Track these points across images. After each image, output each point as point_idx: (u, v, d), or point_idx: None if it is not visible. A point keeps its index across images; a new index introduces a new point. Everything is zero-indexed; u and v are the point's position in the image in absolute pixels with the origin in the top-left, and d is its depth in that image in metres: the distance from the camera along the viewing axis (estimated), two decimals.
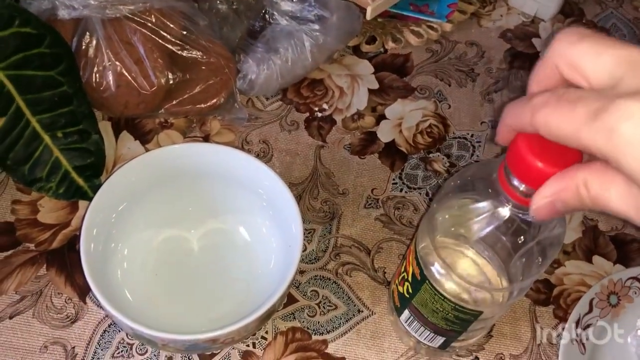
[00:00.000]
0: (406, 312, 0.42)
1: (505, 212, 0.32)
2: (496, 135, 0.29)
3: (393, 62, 0.63)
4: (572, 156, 0.26)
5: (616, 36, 0.68)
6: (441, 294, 0.37)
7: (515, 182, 0.29)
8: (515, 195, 0.29)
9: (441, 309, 0.38)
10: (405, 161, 0.56)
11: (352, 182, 0.54)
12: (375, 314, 0.47)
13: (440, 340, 0.42)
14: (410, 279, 0.40)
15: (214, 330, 0.37)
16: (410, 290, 0.40)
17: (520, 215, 0.31)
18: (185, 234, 0.47)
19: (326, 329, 0.46)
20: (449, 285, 0.37)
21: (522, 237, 0.33)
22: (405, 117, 0.59)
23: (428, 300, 0.38)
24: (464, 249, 0.37)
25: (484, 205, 0.33)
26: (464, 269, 0.37)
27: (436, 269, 0.37)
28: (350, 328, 0.46)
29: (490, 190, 0.32)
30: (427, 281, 0.37)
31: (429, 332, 0.41)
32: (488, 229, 0.33)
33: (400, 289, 0.42)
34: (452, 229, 0.37)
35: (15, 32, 0.45)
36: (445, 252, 0.36)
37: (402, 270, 0.42)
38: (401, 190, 0.54)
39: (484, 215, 0.33)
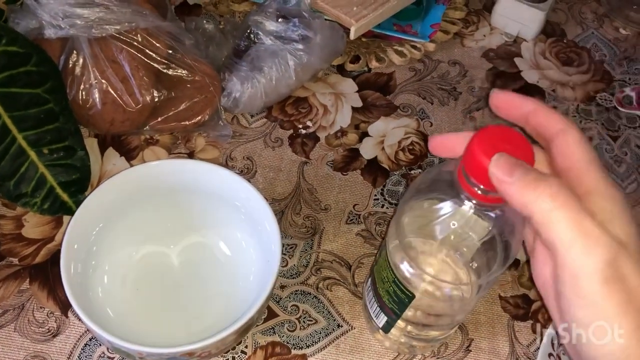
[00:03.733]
0: (369, 280, 0.45)
1: (467, 209, 0.33)
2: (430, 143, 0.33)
3: (377, 81, 0.64)
4: (521, 157, 0.28)
5: (596, 56, 0.70)
6: (389, 262, 0.39)
7: (474, 181, 0.30)
8: (475, 193, 0.31)
9: (386, 279, 0.40)
10: (387, 177, 0.57)
11: (334, 198, 0.55)
12: (354, 328, 0.47)
13: (383, 319, 0.43)
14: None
15: (191, 344, 0.38)
16: (377, 256, 0.42)
17: (483, 211, 0.33)
18: (165, 250, 0.48)
19: (306, 343, 0.46)
20: (419, 282, 0.38)
21: (485, 232, 0.34)
22: (387, 135, 0.60)
23: (382, 267, 0.40)
24: (432, 247, 0.38)
25: (447, 204, 0.34)
26: (432, 267, 0.38)
27: (405, 267, 0.38)
28: (330, 342, 0.47)
29: (452, 190, 0.33)
30: (386, 248, 0.39)
31: (376, 306, 0.43)
32: (453, 227, 0.34)
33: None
34: (419, 229, 0.38)
35: (2, 51, 0.47)
36: (413, 251, 0.38)
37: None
38: (382, 206, 0.55)
39: (448, 213, 0.34)
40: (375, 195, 0.55)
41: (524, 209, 0.28)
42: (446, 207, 0.34)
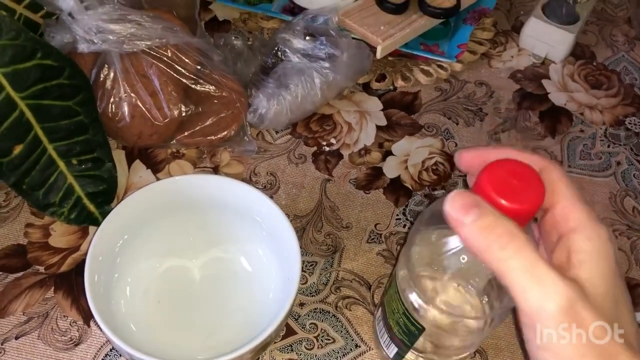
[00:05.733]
0: (380, 310, 0.44)
1: None
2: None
3: (402, 100, 0.64)
4: (532, 194, 0.28)
5: (626, 79, 0.69)
6: (399, 293, 0.38)
7: None
8: None
9: (396, 310, 0.39)
10: (409, 197, 0.56)
11: (356, 217, 0.55)
12: (372, 349, 0.47)
13: (393, 349, 0.43)
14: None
15: None
16: (387, 286, 0.42)
17: None
18: (187, 263, 0.48)
19: None
20: (429, 314, 0.38)
21: None
22: (411, 154, 0.60)
23: (392, 298, 0.40)
24: (442, 279, 0.37)
25: (457, 235, 0.33)
26: (443, 299, 0.37)
27: (415, 299, 0.37)
28: None
29: None
30: (396, 278, 0.39)
31: (386, 336, 0.43)
32: (463, 259, 0.34)
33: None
34: (429, 260, 0.37)
35: (37, 64, 0.48)
36: (423, 282, 0.37)
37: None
38: (404, 226, 0.54)
39: (458, 245, 0.33)
40: (397, 215, 0.55)
41: (477, 254, 0.28)
42: (457, 239, 0.33)
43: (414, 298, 0.37)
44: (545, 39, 0.69)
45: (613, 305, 0.27)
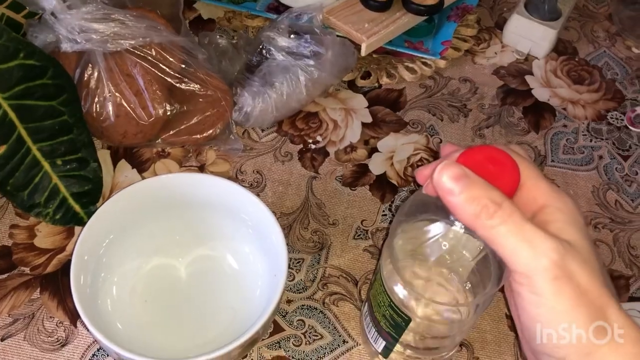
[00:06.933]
0: (366, 305, 0.44)
1: (458, 229, 0.33)
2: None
3: (387, 97, 0.65)
4: (508, 180, 0.29)
5: (608, 75, 0.70)
6: (384, 286, 0.39)
7: None
8: None
9: (382, 303, 0.40)
10: (395, 193, 0.57)
11: (342, 213, 0.55)
12: (360, 345, 0.47)
13: (381, 343, 0.43)
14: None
15: (196, 357, 0.38)
16: (373, 280, 0.42)
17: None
18: (173, 262, 0.48)
19: (311, 358, 0.47)
20: (415, 305, 0.38)
21: (478, 251, 0.35)
22: (397, 151, 0.60)
23: (377, 291, 0.40)
24: (426, 269, 0.38)
25: (438, 225, 0.34)
26: (427, 289, 0.38)
27: (400, 290, 0.38)
28: (335, 358, 0.47)
29: (442, 210, 0.33)
30: (380, 271, 0.39)
31: (374, 330, 0.43)
32: (444, 247, 0.34)
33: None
34: (412, 251, 0.38)
35: (20, 64, 0.48)
36: (407, 274, 0.38)
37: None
38: (390, 222, 0.55)
39: (439, 234, 0.34)
40: (384, 211, 0.55)
41: (466, 223, 0.29)
42: (437, 228, 0.34)
43: (398, 289, 0.38)
44: (528, 35, 0.69)
45: (595, 259, 0.30)
